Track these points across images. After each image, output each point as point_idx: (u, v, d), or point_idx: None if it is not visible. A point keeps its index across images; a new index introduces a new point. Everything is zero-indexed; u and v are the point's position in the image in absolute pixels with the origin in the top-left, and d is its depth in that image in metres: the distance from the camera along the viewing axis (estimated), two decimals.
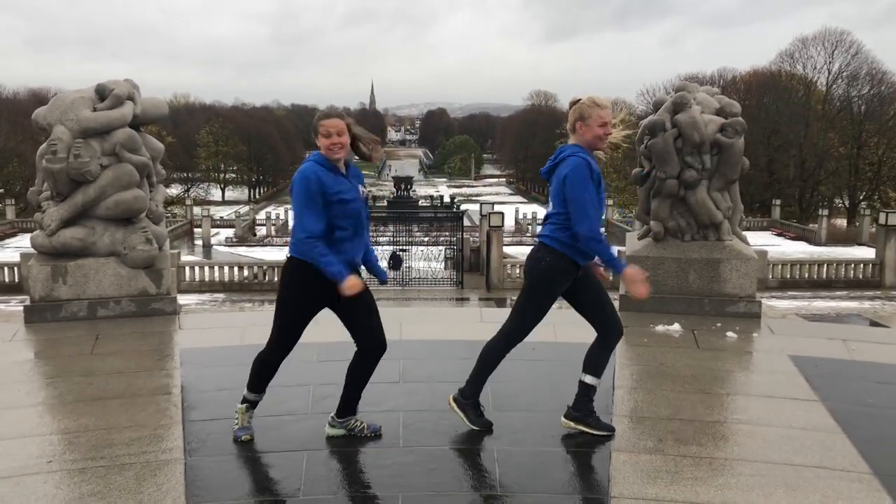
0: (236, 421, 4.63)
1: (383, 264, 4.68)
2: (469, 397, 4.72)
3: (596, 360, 4.65)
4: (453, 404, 4.74)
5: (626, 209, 60.42)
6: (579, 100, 4.50)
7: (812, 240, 49.60)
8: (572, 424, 4.68)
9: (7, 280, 28.30)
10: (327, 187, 4.23)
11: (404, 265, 35.92)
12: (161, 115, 8.69)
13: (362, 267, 4.53)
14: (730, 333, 7.23)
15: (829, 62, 65.00)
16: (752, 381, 6.09)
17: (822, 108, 64.55)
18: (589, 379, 4.65)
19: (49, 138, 7.65)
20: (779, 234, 52.57)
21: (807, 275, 31.21)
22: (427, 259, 38.46)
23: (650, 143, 8.10)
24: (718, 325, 7.56)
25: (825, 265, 31.43)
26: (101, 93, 7.91)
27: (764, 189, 61.29)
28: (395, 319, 8.18)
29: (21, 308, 8.04)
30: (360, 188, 4.42)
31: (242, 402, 4.64)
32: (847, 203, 64.10)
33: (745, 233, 8.61)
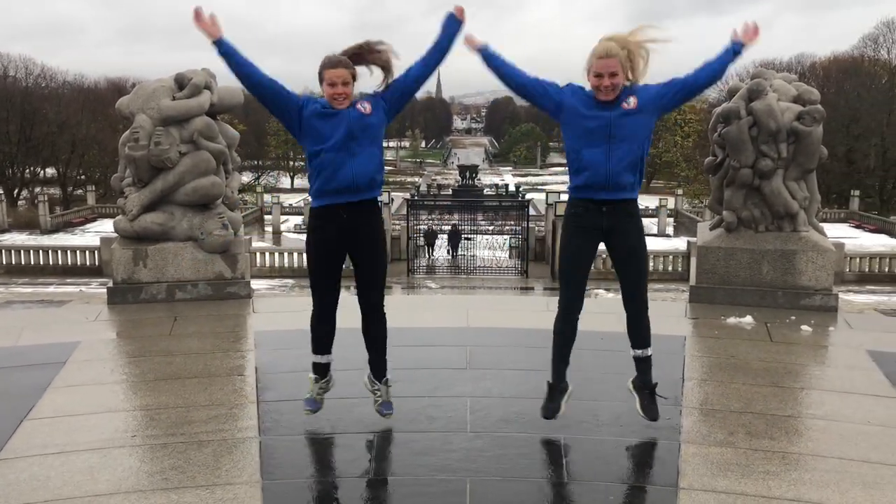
0: (308, 392, 4.64)
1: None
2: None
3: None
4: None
5: (696, 199, 59.12)
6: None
7: (893, 232, 47.63)
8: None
9: (88, 263, 29.54)
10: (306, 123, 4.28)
11: (468, 253, 36.05)
12: (237, 103, 8.91)
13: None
14: (804, 327, 7.05)
15: None
16: (827, 375, 5.93)
17: None
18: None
19: (132, 126, 7.95)
20: (857, 227, 50.62)
21: (887, 269, 30.06)
22: (492, 248, 38.46)
23: (724, 131, 7.92)
24: (792, 318, 7.37)
25: None
26: (180, 82, 8.17)
27: (842, 179, 59.00)
28: (462, 307, 8.25)
29: (102, 290, 8.39)
30: (363, 105, 4.30)
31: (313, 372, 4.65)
32: None
33: (821, 224, 8.35)
